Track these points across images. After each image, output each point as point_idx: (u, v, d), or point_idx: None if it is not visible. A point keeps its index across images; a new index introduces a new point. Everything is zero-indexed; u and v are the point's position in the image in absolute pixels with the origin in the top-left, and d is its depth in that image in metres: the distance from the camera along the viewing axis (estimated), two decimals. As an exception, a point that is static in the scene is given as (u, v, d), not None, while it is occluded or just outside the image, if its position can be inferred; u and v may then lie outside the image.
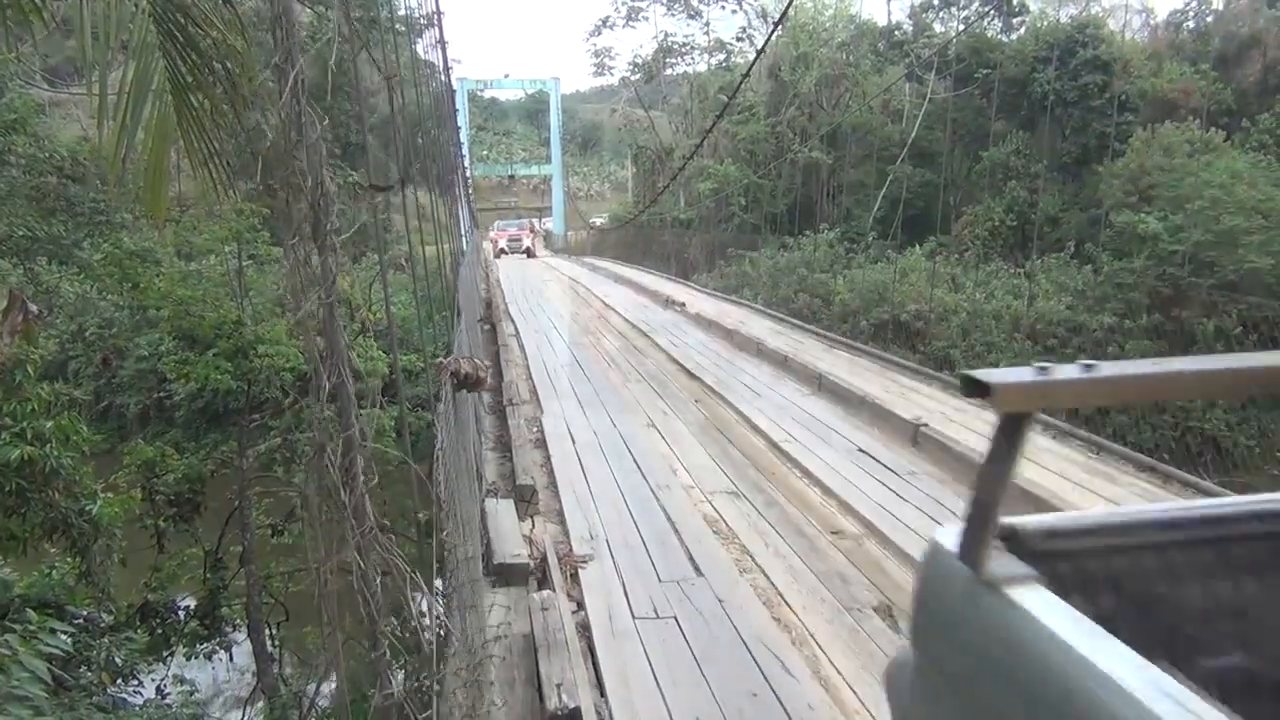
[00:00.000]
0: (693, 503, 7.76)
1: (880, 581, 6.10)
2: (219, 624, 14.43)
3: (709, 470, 8.73)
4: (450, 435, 5.60)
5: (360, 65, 7.67)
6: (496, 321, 17.77)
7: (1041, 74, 33.13)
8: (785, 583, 6.10)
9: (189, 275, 16.44)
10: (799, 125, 39.69)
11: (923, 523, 7.00)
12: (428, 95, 16.04)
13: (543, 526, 7.03)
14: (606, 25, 60.42)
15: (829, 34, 40.53)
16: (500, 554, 6.01)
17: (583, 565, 6.31)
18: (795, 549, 6.69)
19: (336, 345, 2.86)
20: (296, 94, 2.71)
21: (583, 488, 8.07)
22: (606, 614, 5.60)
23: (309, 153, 2.74)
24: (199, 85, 4.24)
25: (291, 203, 2.77)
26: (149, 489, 13.81)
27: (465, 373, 6.05)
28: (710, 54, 55.50)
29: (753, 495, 7.95)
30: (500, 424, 10.00)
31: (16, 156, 13.33)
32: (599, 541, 6.80)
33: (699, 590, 5.94)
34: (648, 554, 6.56)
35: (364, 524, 2.90)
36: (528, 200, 77.84)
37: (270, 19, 2.71)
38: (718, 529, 7.14)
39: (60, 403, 9.64)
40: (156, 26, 4.05)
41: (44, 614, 7.07)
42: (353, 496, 2.88)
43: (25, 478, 8.35)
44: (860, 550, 6.68)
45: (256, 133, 2.76)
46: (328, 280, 2.80)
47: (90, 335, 20.22)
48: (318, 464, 2.84)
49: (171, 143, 4.40)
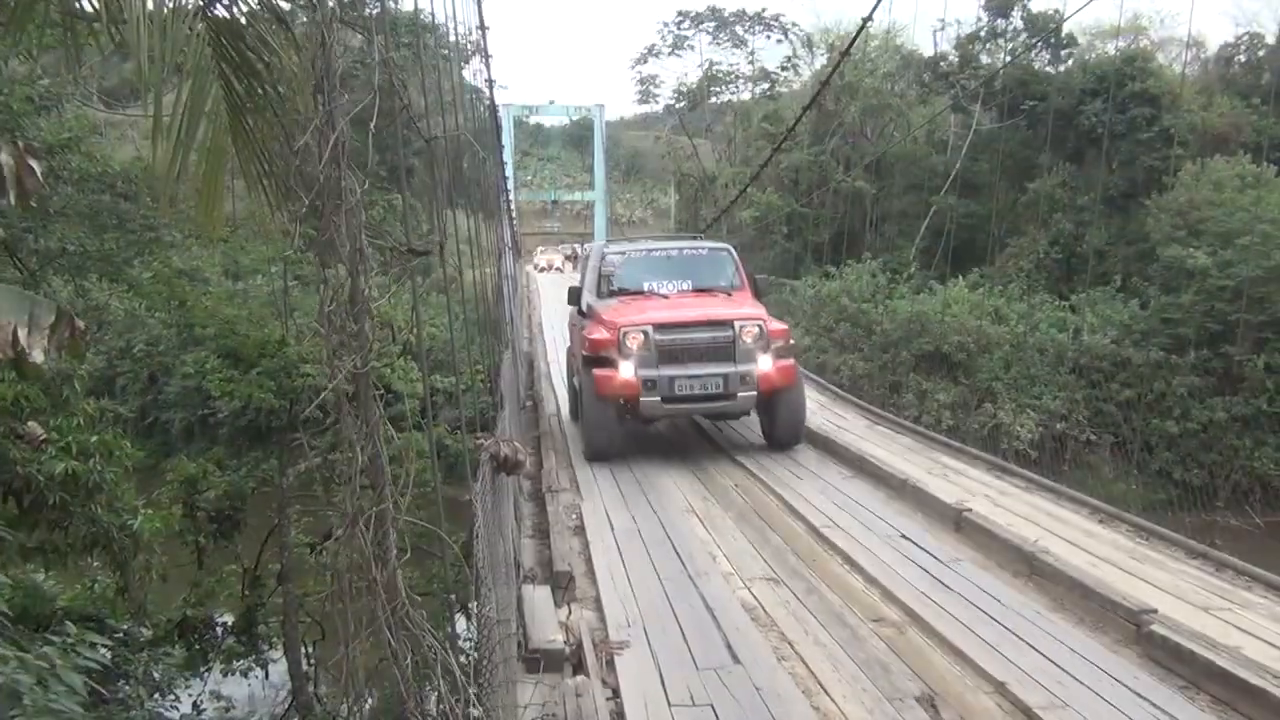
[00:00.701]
0: (731, 589, 7.61)
1: (923, 671, 5.94)
2: (256, 641, 14.50)
3: (748, 555, 8.56)
4: (488, 517, 5.54)
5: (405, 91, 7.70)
6: (539, 400, 17.18)
7: (1089, 106, 32.88)
8: (825, 671, 5.97)
9: (235, 294, 16.64)
10: (843, 154, 39.65)
11: (967, 612, 6.82)
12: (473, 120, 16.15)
13: (579, 613, 6.96)
14: (652, 54, 61.08)
15: (874, 64, 40.52)
16: (536, 640, 5.96)
17: (619, 652, 6.22)
18: (835, 637, 6.54)
19: (371, 418, 2.84)
20: (336, 157, 2.69)
21: (620, 574, 7.93)
22: (642, 702, 5.51)
23: (347, 218, 2.72)
24: (254, 107, 4.29)
25: (329, 273, 2.76)
26: (191, 505, 13.92)
27: (504, 455, 6.05)
28: (754, 83, 55.73)
29: (792, 582, 7.81)
30: (539, 510, 9.92)
31: (70, 174, 13.55)
32: (636, 627, 6.68)
33: (736, 678, 5.83)
34: (684, 640, 6.44)
35: (395, 600, 2.87)
36: (570, 225, 78.15)
37: (314, 78, 2.70)
38: (756, 616, 7.00)
39: (105, 418, 9.75)
40: (212, 49, 4.11)
41: (84, 627, 7.12)
42: (385, 572, 2.85)
43: (69, 491, 8.43)
44: (903, 639, 6.52)
45: (306, 152, 2.75)
46: (364, 358, 2.77)
47: (138, 352, 20.49)
48: (348, 538, 2.82)
49: (225, 163, 4.45)
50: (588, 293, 13.42)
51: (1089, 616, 6.59)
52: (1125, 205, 33.00)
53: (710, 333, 11.66)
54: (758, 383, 11.51)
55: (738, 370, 11.45)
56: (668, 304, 12.62)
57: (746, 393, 11.52)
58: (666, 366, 11.51)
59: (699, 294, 12.90)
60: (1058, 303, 29.05)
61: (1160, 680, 5.64)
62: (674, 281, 13.01)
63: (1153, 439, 24.02)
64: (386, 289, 3.52)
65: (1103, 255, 31.75)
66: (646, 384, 11.42)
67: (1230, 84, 36.40)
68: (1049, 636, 6.27)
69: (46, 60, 12.61)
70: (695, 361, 11.55)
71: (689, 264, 13.44)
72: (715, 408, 12.10)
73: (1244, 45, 38.96)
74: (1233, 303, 24.35)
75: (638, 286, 13.01)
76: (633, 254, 13.86)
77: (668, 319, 11.90)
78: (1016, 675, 5.70)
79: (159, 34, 3.64)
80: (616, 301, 12.76)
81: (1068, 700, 5.37)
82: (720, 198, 37.69)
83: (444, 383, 18.18)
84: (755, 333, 11.65)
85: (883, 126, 40.17)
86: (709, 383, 11.49)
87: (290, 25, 4.11)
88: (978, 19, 40.27)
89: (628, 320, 11.79)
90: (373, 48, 3.44)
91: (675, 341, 11.60)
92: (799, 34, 57.75)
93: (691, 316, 12.02)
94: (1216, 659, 5.54)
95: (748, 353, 11.53)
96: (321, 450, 14.57)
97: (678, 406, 11.86)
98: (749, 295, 13.05)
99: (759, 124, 45.21)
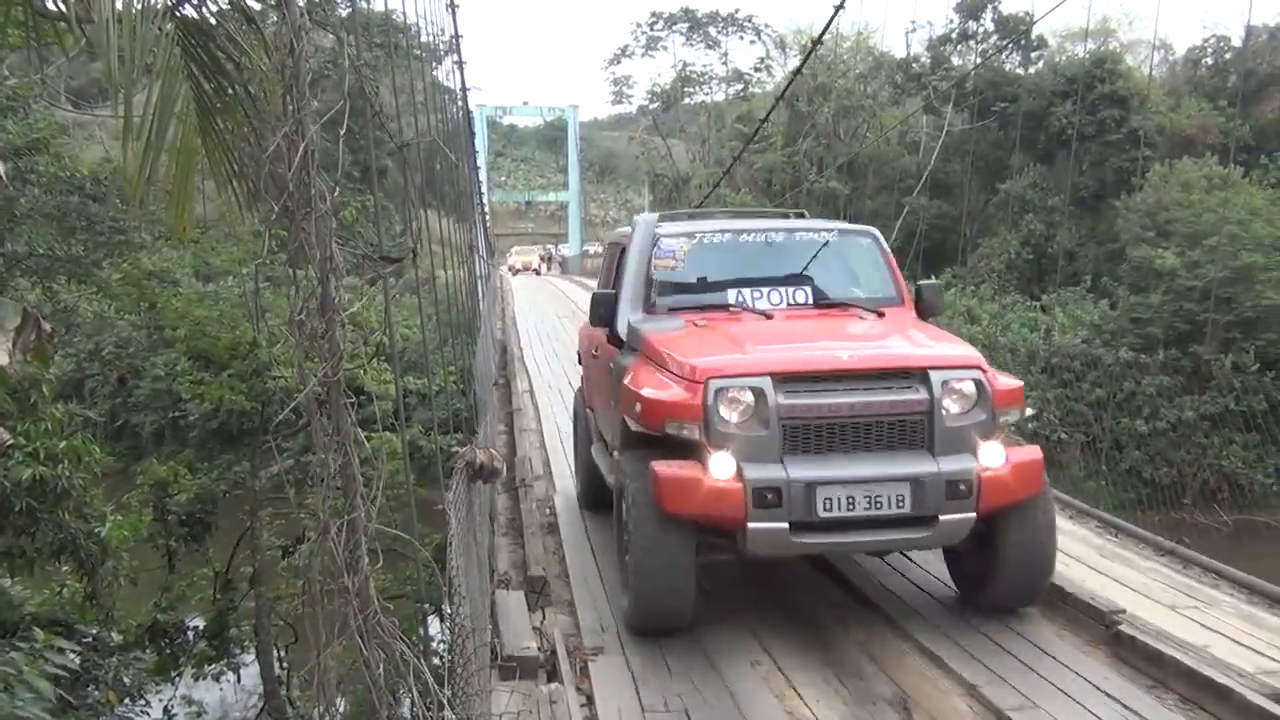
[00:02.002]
0: None
1: (897, 674, 5.97)
2: (228, 645, 14.41)
3: None
4: (463, 527, 5.51)
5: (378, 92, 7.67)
6: (511, 378, 17.24)
7: (1059, 108, 33.15)
8: (796, 674, 5.95)
9: (206, 296, 16.51)
10: (816, 155, 39.81)
11: (939, 614, 6.76)
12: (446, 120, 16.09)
13: (553, 617, 6.90)
14: (625, 54, 61.14)
15: (847, 65, 40.70)
16: (510, 646, 5.93)
17: (593, 658, 6.13)
18: (806, 639, 6.50)
19: (342, 425, 2.84)
20: (306, 165, 2.68)
21: (594, 576, 7.79)
22: (616, 709, 5.47)
23: (318, 225, 2.71)
24: (224, 108, 4.26)
25: (300, 275, 2.75)
26: (161, 508, 13.82)
27: (481, 463, 5.99)
28: (728, 83, 55.90)
29: None
30: (513, 506, 9.73)
31: (38, 175, 13.42)
32: (611, 634, 6.53)
33: (711, 684, 5.78)
34: (659, 646, 6.30)
35: (367, 609, 2.86)
36: (545, 226, 78.13)
37: (283, 84, 2.69)
38: None
39: (74, 423, 9.66)
40: (182, 50, 4.07)
41: (52, 632, 7.05)
42: (356, 579, 2.84)
43: (36, 497, 8.35)
44: (875, 641, 6.49)
45: (277, 154, 2.73)
46: (335, 358, 2.76)
47: (107, 354, 20.30)
48: (321, 545, 2.81)
49: (195, 164, 4.42)
50: (629, 306, 7.44)
51: (1059, 617, 6.63)
52: (1095, 206, 33.31)
53: (884, 394, 6.00)
54: (978, 493, 5.84)
55: (940, 471, 5.82)
56: (785, 332, 7.03)
57: (957, 515, 5.85)
58: (801, 460, 5.85)
59: (825, 312, 7.33)
60: (1029, 303, 29.28)
61: (1130, 680, 5.68)
62: (781, 289, 7.43)
63: (1122, 438, 24.23)
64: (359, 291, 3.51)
65: (1073, 256, 32.02)
66: (760, 495, 5.72)
67: (1198, 86, 36.78)
68: (1020, 637, 6.31)
69: (12, 60, 12.47)
70: (856, 450, 5.95)
71: (803, 258, 7.72)
72: (895, 540, 6.28)
73: (1211, 48, 39.39)
74: (1200, 303, 24.61)
75: (720, 299, 7.39)
76: (708, 239, 7.84)
77: (800, 363, 6.24)
78: (987, 677, 5.73)
79: (128, 34, 3.60)
80: (683, 324, 7.06)
81: (1038, 701, 5.40)
82: (694, 199, 37.68)
83: (416, 384, 18.14)
84: (970, 393, 6.10)
85: (855, 127, 40.31)
86: (884, 494, 5.81)
87: (260, 26, 4.09)
88: (949, 21, 40.56)
89: (720, 363, 6.13)
90: (344, 49, 3.42)
91: (818, 409, 5.92)
92: (772, 35, 57.97)
93: (845, 360, 6.18)
94: (1184, 659, 5.59)
95: (957, 435, 5.96)
96: (294, 453, 14.51)
97: (822, 540, 6.07)
98: (913, 316, 7.46)
99: (733, 124, 45.34)
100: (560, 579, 7.83)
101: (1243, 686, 5.24)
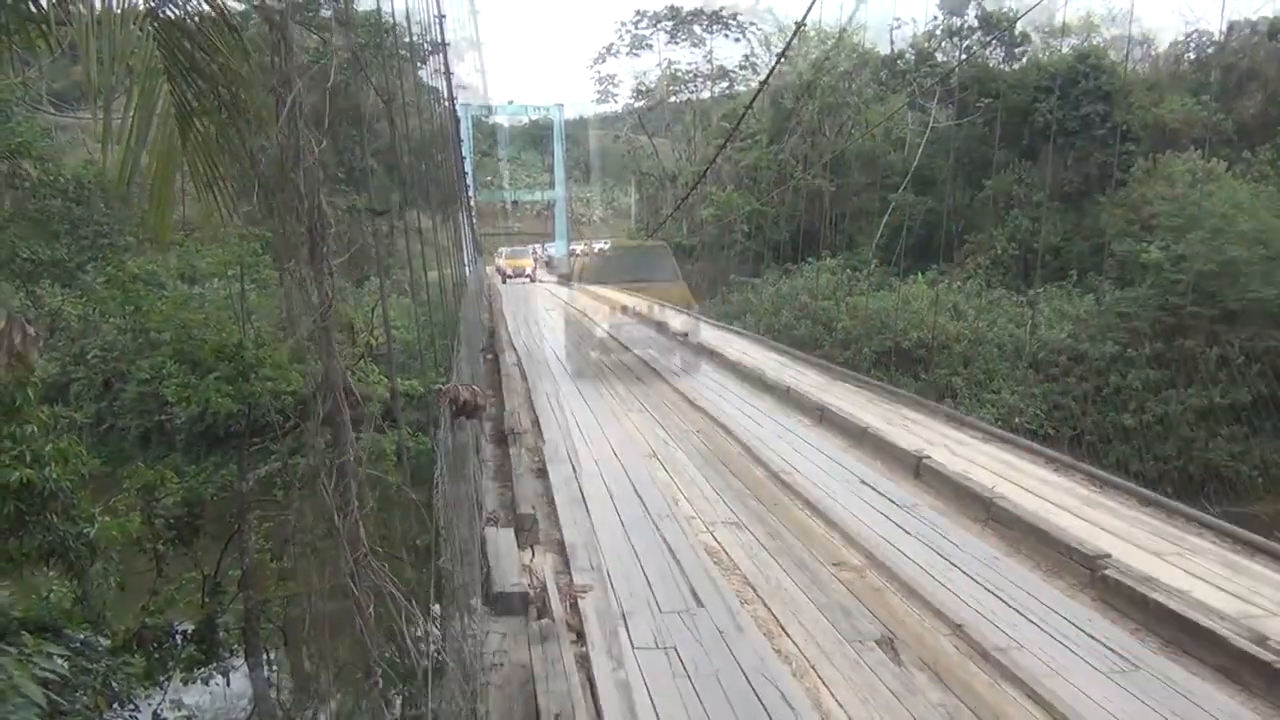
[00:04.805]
0: (694, 533, 7.70)
1: (883, 614, 6.04)
2: (217, 649, 14.33)
3: (711, 500, 8.68)
4: (449, 462, 5.57)
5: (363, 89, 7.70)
6: (499, 352, 17.80)
7: (1044, 104, 33.20)
8: (786, 614, 6.04)
9: (191, 299, 16.43)
10: (801, 153, 39.79)
11: (925, 555, 6.95)
12: (431, 120, 16.10)
13: (543, 556, 6.97)
14: (611, 53, 60.92)
15: (832, 63, 40.69)
16: (500, 583, 5.96)
17: (583, 595, 6.24)
18: (797, 581, 6.63)
19: (333, 369, 2.85)
20: (294, 117, 2.70)
21: (583, 517, 8.01)
22: (606, 644, 5.54)
23: (306, 175, 2.73)
24: (204, 110, 4.25)
25: (289, 225, 2.77)
26: (148, 512, 13.74)
27: (464, 400, 6.03)
28: (713, 81, 55.86)
29: (754, 526, 7.89)
30: (501, 453, 9.94)
31: (21, 180, 13.35)
32: (599, 572, 6.72)
33: (700, 620, 5.88)
34: (648, 584, 6.48)
35: (358, 550, 2.87)
36: (531, 225, 77.86)
37: (270, 43, 2.71)
38: (719, 559, 7.08)
39: (60, 426, 9.61)
40: (162, 52, 4.06)
41: (40, 637, 7.02)
42: (347, 521, 2.86)
43: (23, 500, 8.31)
44: (862, 582, 6.62)
45: (259, 156, 2.75)
46: (324, 304, 2.79)
47: (92, 358, 20.17)
48: (313, 488, 2.82)
49: (176, 166, 4.40)
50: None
51: (1045, 561, 6.75)
52: (1080, 201, 33.39)
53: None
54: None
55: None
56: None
57: None
58: None
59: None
60: (1015, 298, 29.35)
61: (1113, 623, 5.79)
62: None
63: (1109, 431, 24.34)
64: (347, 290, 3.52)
65: (1058, 251, 32.10)
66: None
67: (1180, 81, 36.90)
68: (1006, 580, 6.40)
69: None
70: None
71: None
72: None
73: (1193, 43, 39.59)
74: (1185, 296, 24.72)
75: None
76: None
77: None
78: (973, 617, 5.80)
79: (108, 37, 3.59)
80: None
81: (1023, 642, 5.48)
82: (680, 197, 37.69)
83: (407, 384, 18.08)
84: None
85: (841, 124, 40.32)
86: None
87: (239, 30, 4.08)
88: (933, 17, 40.64)
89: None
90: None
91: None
92: (757, 33, 57.92)
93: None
94: (1168, 602, 5.69)
95: None
96: (282, 455, 14.47)
97: None
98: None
99: (718, 122, 45.32)
100: (550, 519, 7.92)
101: (1226, 629, 5.34)
